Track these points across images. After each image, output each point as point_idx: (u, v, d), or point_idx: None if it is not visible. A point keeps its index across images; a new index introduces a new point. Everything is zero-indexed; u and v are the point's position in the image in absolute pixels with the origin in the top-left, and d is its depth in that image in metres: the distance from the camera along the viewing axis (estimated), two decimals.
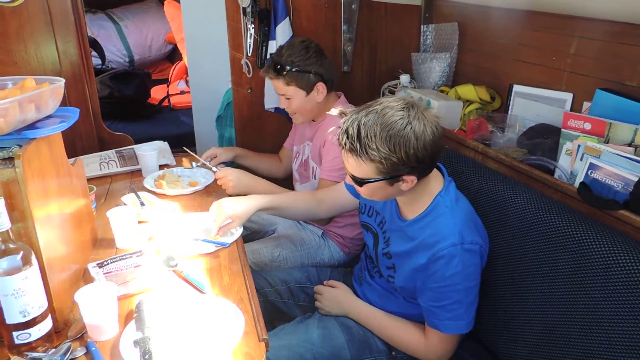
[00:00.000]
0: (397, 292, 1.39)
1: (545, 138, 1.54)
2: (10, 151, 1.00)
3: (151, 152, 1.89)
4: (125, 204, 1.60)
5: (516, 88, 1.77)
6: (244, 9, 2.06)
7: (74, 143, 2.11)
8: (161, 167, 1.93)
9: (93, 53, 3.39)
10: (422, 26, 2.17)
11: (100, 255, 1.38)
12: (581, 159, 1.31)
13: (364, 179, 1.18)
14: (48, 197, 1.12)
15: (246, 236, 1.92)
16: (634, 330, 0.99)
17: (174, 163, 2.00)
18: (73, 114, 1.18)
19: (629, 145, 1.28)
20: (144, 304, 1.14)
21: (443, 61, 2.05)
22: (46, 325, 1.02)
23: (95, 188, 1.62)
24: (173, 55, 4.25)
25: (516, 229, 1.29)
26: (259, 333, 1.09)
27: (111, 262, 1.31)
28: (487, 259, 1.30)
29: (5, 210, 0.93)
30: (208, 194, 1.77)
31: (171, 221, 1.57)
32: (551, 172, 1.42)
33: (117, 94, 3.29)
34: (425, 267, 1.22)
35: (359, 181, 1.20)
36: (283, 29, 2.10)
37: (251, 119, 2.27)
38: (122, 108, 3.28)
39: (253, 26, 2.09)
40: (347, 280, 1.59)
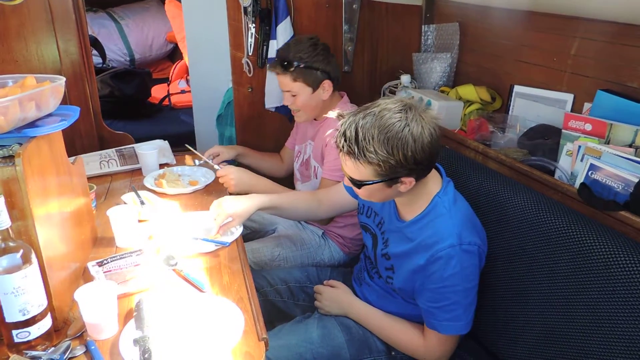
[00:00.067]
0: (396, 293, 1.38)
1: (545, 139, 1.54)
2: (10, 149, 1.01)
3: (151, 151, 1.89)
4: (125, 203, 1.60)
5: (517, 88, 1.77)
6: (245, 8, 2.07)
7: (74, 142, 2.11)
8: (161, 166, 1.93)
9: (94, 52, 3.40)
10: (423, 26, 2.17)
11: (100, 254, 1.39)
12: (582, 160, 1.31)
13: (362, 181, 1.18)
14: (48, 196, 1.12)
15: (246, 235, 1.92)
16: (634, 330, 0.99)
17: (174, 162, 2.00)
18: (73, 113, 1.18)
19: (630, 146, 1.28)
20: (144, 303, 1.14)
21: (444, 61, 2.05)
22: (46, 323, 1.02)
23: (95, 187, 1.62)
24: (174, 54, 4.26)
25: (516, 230, 1.29)
26: (259, 332, 1.09)
27: (111, 261, 1.31)
28: (487, 260, 1.30)
29: (5, 208, 0.93)
30: (208, 193, 1.77)
31: (171, 220, 1.57)
32: (551, 173, 1.42)
33: (118, 93, 3.29)
34: (423, 268, 1.22)
35: (357, 183, 1.20)
36: (284, 29, 2.10)
37: (252, 118, 2.27)
38: (123, 107, 3.28)
39: (254, 25, 2.10)
40: (347, 280, 1.59)
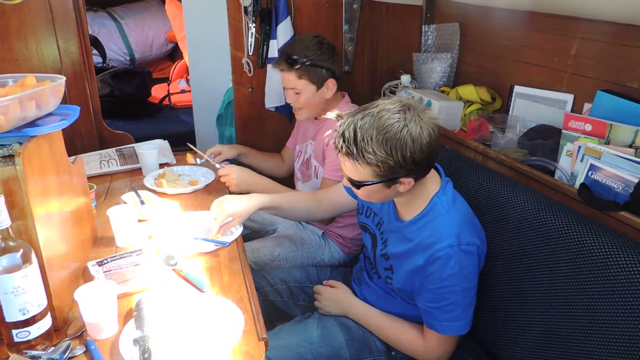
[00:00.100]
0: (395, 293, 1.38)
1: (545, 139, 1.53)
2: (10, 149, 1.01)
3: (151, 151, 1.89)
4: (125, 203, 1.60)
5: (517, 89, 1.77)
6: (246, 8, 2.07)
7: (74, 141, 2.11)
8: (161, 166, 1.93)
9: (94, 51, 3.39)
10: (424, 26, 2.17)
11: (100, 253, 1.38)
12: (582, 160, 1.31)
13: (361, 182, 1.18)
14: (48, 195, 1.12)
15: (246, 235, 1.92)
16: (633, 331, 0.99)
17: (174, 162, 1.99)
18: (73, 112, 1.18)
19: (630, 146, 1.28)
20: (144, 303, 1.13)
21: (444, 61, 2.05)
22: (45, 323, 1.02)
23: (95, 186, 1.62)
24: (174, 54, 4.25)
25: (516, 230, 1.29)
26: (259, 332, 1.09)
27: (111, 261, 1.31)
28: (487, 260, 1.30)
29: (5, 207, 0.93)
30: (208, 193, 1.77)
31: (171, 220, 1.57)
32: (551, 173, 1.42)
33: (118, 93, 3.29)
34: (422, 268, 1.22)
35: (356, 184, 1.20)
36: (284, 29, 2.10)
37: (252, 118, 2.27)
38: (123, 106, 3.28)
39: (254, 25, 2.10)
40: (347, 280, 1.59)
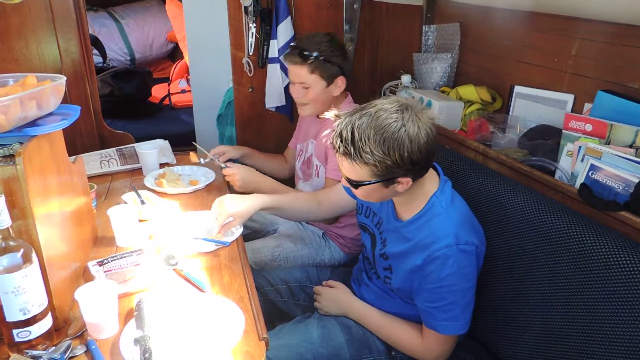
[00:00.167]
0: (394, 293, 1.38)
1: (546, 139, 1.53)
2: (11, 148, 1.01)
3: (152, 151, 1.89)
4: (125, 203, 1.60)
5: (517, 89, 1.77)
6: (246, 8, 2.07)
7: (75, 141, 2.11)
8: (162, 166, 1.93)
9: (94, 51, 3.40)
10: (424, 26, 2.17)
11: (100, 253, 1.39)
12: (582, 160, 1.31)
13: (359, 182, 1.18)
14: (49, 195, 1.12)
15: (247, 235, 1.92)
16: (634, 331, 0.99)
17: (175, 162, 1.99)
18: (74, 112, 1.18)
19: (630, 146, 1.27)
20: (144, 303, 1.14)
21: (444, 61, 2.05)
22: (46, 323, 1.02)
23: (95, 186, 1.62)
24: (174, 53, 4.26)
25: (516, 230, 1.29)
26: (259, 332, 1.09)
27: (111, 261, 1.31)
28: (488, 260, 1.30)
29: (5, 207, 0.93)
30: (208, 193, 1.77)
31: (171, 220, 1.57)
32: (552, 173, 1.42)
33: (118, 92, 3.29)
34: (421, 268, 1.22)
35: (354, 184, 1.20)
36: (285, 29, 2.10)
37: (252, 118, 2.27)
38: (123, 106, 3.28)
39: (254, 25, 2.10)
40: (347, 280, 1.59)
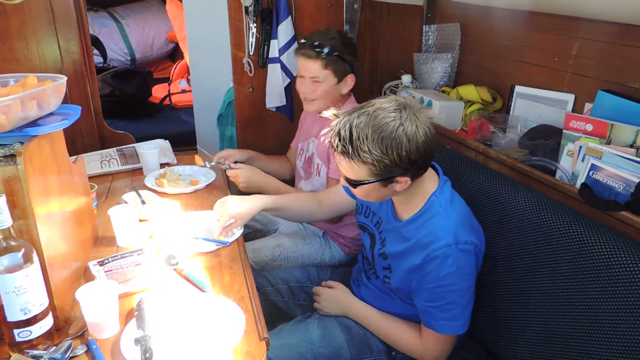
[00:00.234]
0: (393, 293, 1.38)
1: (546, 139, 1.53)
2: (11, 148, 1.01)
3: (152, 151, 1.89)
4: (126, 202, 1.60)
5: (518, 89, 1.77)
6: (246, 8, 2.07)
7: (75, 141, 2.12)
8: (162, 166, 1.93)
9: (95, 51, 3.40)
10: (424, 26, 2.17)
11: (101, 253, 1.39)
12: (582, 160, 1.31)
13: (358, 181, 1.18)
14: (49, 195, 1.12)
15: (248, 234, 1.92)
16: (635, 331, 0.99)
17: (175, 162, 1.99)
18: (75, 112, 1.18)
19: (631, 146, 1.27)
20: (145, 302, 1.14)
21: (445, 61, 2.05)
22: (47, 323, 1.02)
23: (96, 186, 1.62)
24: (174, 53, 4.26)
25: (517, 230, 1.29)
26: (260, 332, 1.09)
27: (112, 260, 1.31)
28: (488, 260, 1.30)
29: (6, 207, 0.93)
30: (209, 193, 1.77)
31: (172, 220, 1.57)
32: (552, 173, 1.42)
33: (119, 92, 3.29)
34: (419, 268, 1.22)
35: (353, 183, 1.19)
36: (285, 29, 2.11)
37: (252, 118, 2.28)
38: (124, 106, 3.28)
39: (255, 25, 2.10)
40: (347, 280, 1.59)
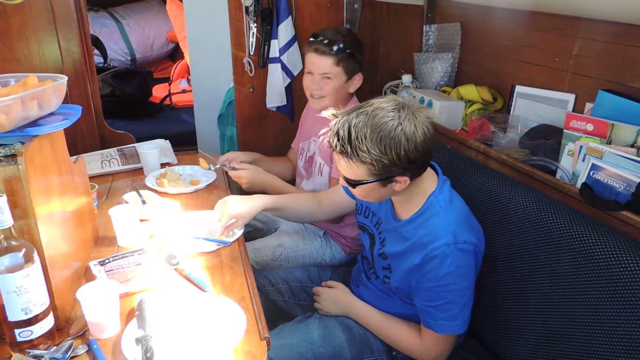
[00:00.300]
0: (393, 293, 1.38)
1: (547, 139, 1.53)
2: (12, 148, 1.01)
3: (153, 151, 1.89)
4: (126, 202, 1.60)
5: (518, 89, 1.77)
6: (247, 8, 2.07)
7: (76, 141, 2.12)
8: (163, 166, 1.93)
9: (95, 51, 3.40)
10: (425, 26, 2.17)
11: (101, 253, 1.39)
12: (583, 160, 1.31)
13: (357, 181, 1.18)
14: (50, 195, 1.12)
15: (249, 233, 1.92)
16: (635, 331, 0.99)
17: (176, 161, 1.99)
18: (75, 112, 1.18)
19: (632, 146, 1.27)
20: (146, 302, 1.14)
21: (445, 61, 2.05)
22: (48, 322, 1.02)
23: (96, 186, 1.62)
24: (175, 53, 4.26)
25: (518, 230, 1.29)
26: (261, 332, 1.09)
27: (113, 260, 1.31)
28: (489, 260, 1.30)
29: (7, 207, 0.93)
30: (209, 193, 1.77)
31: (173, 219, 1.57)
32: (553, 173, 1.42)
33: (119, 92, 3.29)
34: (419, 267, 1.22)
35: (352, 183, 1.19)
36: (285, 28, 2.11)
37: (253, 118, 2.28)
38: (124, 106, 3.28)
39: (255, 25, 2.10)
40: (348, 280, 1.59)
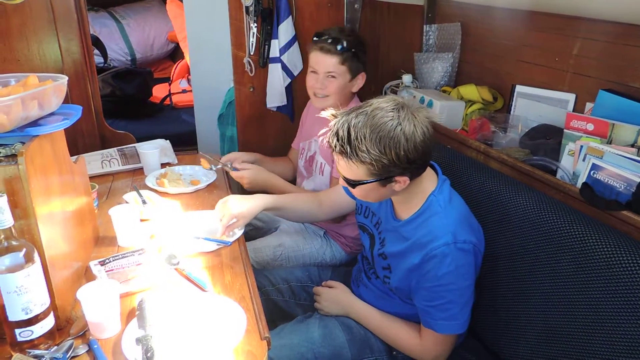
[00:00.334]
0: (393, 293, 1.38)
1: (547, 138, 1.53)
2: (13, 148, 1.01)
3: (153, 151, 1.89)
4: (127, 202, 1.60)
5: (519, 88, 1.77)
6: (247, 8, 2.07)
7: (76, 141, 2.12)
8: (163, 166, 1.93)
9: (95, 51, 3.40)
10: (425, 26, 2.17)
11: (102, 253, 1.39)
12: (584, 160, 1.31)
13: (356, 181, 1.18)
14: (50, 195, 1.12)
15: (249, 231, 1.92)
16: (636, 330, 0.99)
17: (176, 161, 1.99)
18: (75, 112, 1.18)
19: (632, 146, 1.27)
20: (146, 302, 1.14)
21: (445, 61, 2.05)
22: (48, 322, 1.02)
23: (97, 186, 1.62)
24: (175, 53, 4.26)
25: (518, 229, 1.29)
26: (261, 331, 1.09)
27: (113, 260, 1.31)
28: (489, 259, 1.30)
29: (8, 207, 0.93)
30: (210, 193, 1.77)
31: (173, 219, 1.57)
32: (553, 173, 1.42)
33: (119, 92, 3.29)
34: (418, 267, 1.22)
35: (352, 183, 1.19)
36: (286, 28, 2.11)
37: (253, 118, 2.28)
38: (124, 106, 3.29)
39: (256, 25, 2.10)
40: (349, 280, 1.59)
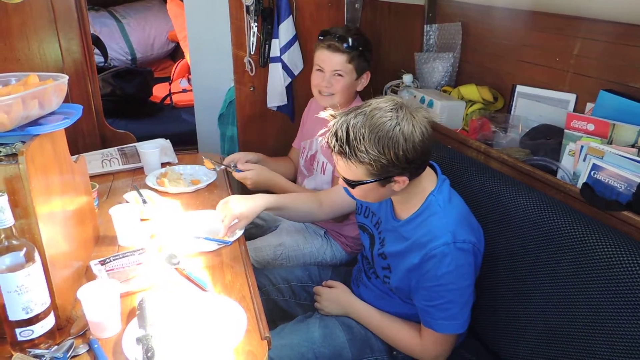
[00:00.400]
0: (393, 293, 1.38)
1: (548, 139, 1.53)
2: (13, 147, 1.01)
3: (153, 150, 1.89)
4: (127, 202, 1.60)
5: (519, 88, 1.77)
6: (247, 7, 2.07)
7: (77, 140, 2.12)
8: (163, 165, 1.93)
9: (95, 50, 3.40)
10: (425, 26, 2.17)
11: (102, 252, 1.39)
12: (584, 160, 1.31)
13: (356, 181, 1.18)
14: (51, 194, 1.12)
15: (250, 229, 1.92)
16: (636, 330, 0.99)
17: (176, 161, 1.99)
18: (76, 111, 1.18)
19: (632, 146, 1.27)
20: (146, 302, 1.14)
21: (446, 61, 2.05)
22: (49, 322, 1.02)
23: (97, 185, 1.62)
24: (175, 53, 4.26)
25: (518, 229, 1.29)
26: (261, 331, 1.09)
27: (113, 260, 1.31)
28: (489, 259, 1.30)
29: (8, 206, 0.93)
30: (210, 192, 1.77)
31: (173, 219, 1.57)
32: (554, 173, 1.42)
33: (119, 92, 3.30)
34: (418, 267, 1.22)
35: (351, 183, 1.19)
36: (286, 28, 2.11)
37: (253, 118, 2.28)
38: (124, 106, 3.29)
39: (256, 24, 2.10)
40: (349, 279, 1.59)
